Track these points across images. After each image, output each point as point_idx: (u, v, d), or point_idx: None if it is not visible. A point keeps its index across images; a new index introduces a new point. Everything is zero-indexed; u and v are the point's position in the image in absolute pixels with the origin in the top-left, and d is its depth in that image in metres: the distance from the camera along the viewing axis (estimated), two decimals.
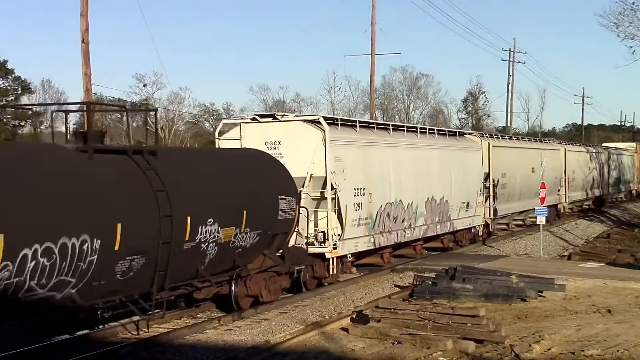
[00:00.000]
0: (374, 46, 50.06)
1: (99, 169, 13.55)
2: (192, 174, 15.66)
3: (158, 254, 14.19)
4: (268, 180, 18.10)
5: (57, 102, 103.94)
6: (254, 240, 17.25)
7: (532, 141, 42.40)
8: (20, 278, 11.63)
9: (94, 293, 13.31)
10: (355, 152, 21.80)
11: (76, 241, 12.48)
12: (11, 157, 12.41)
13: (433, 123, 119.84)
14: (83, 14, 36.62)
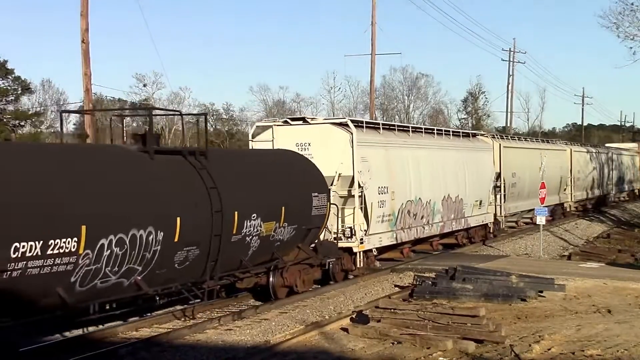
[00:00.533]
0: (374, 46, 50.09)
1: (160, 169, 15.12)
2: (237, 173, 17.23)
3: (210, 246, 15.70)
4: (303, 179, 19.61)
5: (99, 107, 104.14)
6: (291, 234, 18.79)
7: (540, 142, 43.89)
8: (97, 265, 13.05)
9: (156, 280, 14.70)
10: (379, 153, 23.14)
11: (143, 233, 13.93)
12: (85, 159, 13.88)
13: (433, 123, 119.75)
14: (83, 14, 36.62)
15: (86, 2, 36.67)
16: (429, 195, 26.00)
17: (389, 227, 23.47)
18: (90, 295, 13.38)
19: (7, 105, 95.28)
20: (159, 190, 14.62)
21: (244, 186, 17.05)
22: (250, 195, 17.08)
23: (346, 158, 21.76)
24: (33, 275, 11.80)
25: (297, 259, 19.32)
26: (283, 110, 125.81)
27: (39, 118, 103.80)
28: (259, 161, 19.06)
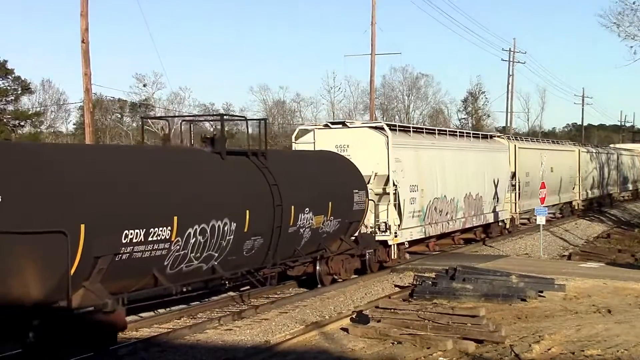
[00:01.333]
0: (374, 46, 50.06)
1: (230, 167, 17.30)
2: (292, 172, 19.38)
3: (272, 236, 17.81)
4: (345, 177, 21.71)
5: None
6: (335, 227, 20.85)
7: (551, 143, 45.92)
8: (185, 251, 15.10)
9: (228, 265, 16.79)
10: (410, 154, 25.10)
11: (220, 223, 16.02)
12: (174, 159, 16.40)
13: (433, 123, 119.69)
14: (83, 14, 36.61)
15: (86, 2, 36.65)
16: (453, 193, 27.95)
17: (419, 222, 25.47)
18: (177, 278, 15.36)
19: (7, 105, 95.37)
20: (231, 186, 16.88)
21: (298, 183, 19.14)
22: (303, 192, 19.16)
23: (382, 159, 23.68)
24: (137, 258, 13.98)
25: (340, 250, 21.38)
26: (283, 111, 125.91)
27: (39, 118, 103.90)
28: (308, 161, 21.34)
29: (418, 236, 25.60)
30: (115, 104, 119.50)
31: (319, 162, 21.55)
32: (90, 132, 38.46)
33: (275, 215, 17.76)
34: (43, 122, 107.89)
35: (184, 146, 19.70)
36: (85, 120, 39.20)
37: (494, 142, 33.64)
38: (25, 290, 12.35)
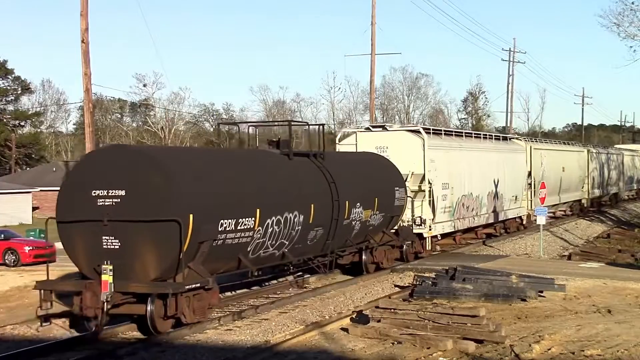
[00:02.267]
0: (374, 46, 50.06)
1: (298, 167, 19.90)
2: (345, 171, 21.75)
3: (330, 227, 20.32)
4: (388, 176, 24.23)
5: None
6: (380, 221, 23.34)
7: (562, 144, 48.60)
8: (264, 239, 17.66)
9: (295, 252, 19.34)
10: (442, 155, 27.34)
11: (291, 215, 18.49)
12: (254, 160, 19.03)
13: (433, 123, 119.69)
14: (83, 14, 36.59)
15: (86, 2, 36.63)
16: (478, 190, 30.43)
17: (449, 217, 27.80)
18: (255, 262, 17.84)
19: (7, 105, 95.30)
20: (299, 183, 19.40)
21: (351, 181, 21.55)
22: (355, 188, 21.54)
23: (418, 159, 26.00)
24: (228, 244, 16.52)
25: (382, 241, 23.81)
26: (283, 111, 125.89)
27: (39, 118, 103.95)
28: (357, 161, 23.95)
29: (449, 230, 28.06)
30: (115, 104, 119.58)
31: (366, 162, 24.12)
32: (90, 132, 38.44)
33: (333, 209, 20.37)
34: (43, 122, 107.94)
35: (257, 149, 21.79)
36: (85, 120, 39.18)
37: (512, 144, 36.23)
38: (146, 270, 15.15)
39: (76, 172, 16.38)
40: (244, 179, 17.58)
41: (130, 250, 15.09)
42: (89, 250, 15.46)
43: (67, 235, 15.86)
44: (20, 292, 25.59)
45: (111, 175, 15.34)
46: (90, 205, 15.32)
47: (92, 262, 15.37)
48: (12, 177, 73.52)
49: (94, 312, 15.07)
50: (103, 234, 15.23)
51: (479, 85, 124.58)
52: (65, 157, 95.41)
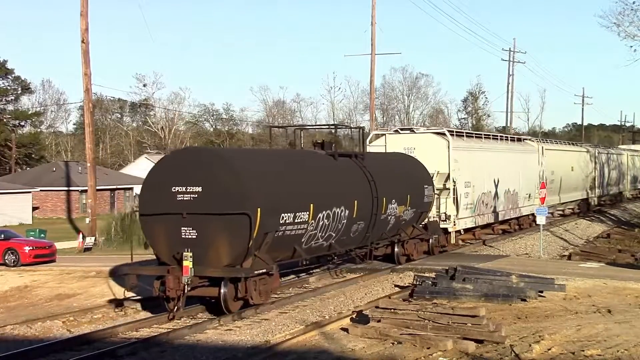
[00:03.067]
0: (374, 46, 50.07)
1: (342, 166, 21.92)
2: (382, 170, 23.62)
3: (370, 221, 22.29)
4: (418, 174, 26.27)
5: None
6: (411, 216, 25.43)
7: (570, 144, 50.54)
8: (315, 231, 19.66)
9: (340, 243, 21.35)
10: (465, 155, 29.34)
11: (338, 210, 20.43)
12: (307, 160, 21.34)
13: (433, 123, 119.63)
14: (83, 14, 36.61)
15: (86, 2, 36.64)
16: (496, 188, 32.40)
17: (471, 213, 29.90)
18: (308, 252, 19.90)
19: (7, 105, 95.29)
20: (344, 181, 21.51)
21: (387, 179, 23.49)
22: (391, 186, 23.58)
23: (443, 159, 27.96)
24: (287, 235, 18.54)
25: (412, 235, 25.74)
26: (283, 111, 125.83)
27: (39, 118, 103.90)
28: (391, 161, 26.14)
29: (470, 225, 30.26)
30: (115, 104, 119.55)
31: (399, 162, 26.28)
32: (90, 132, 38.47)
33: (373, 204, 22.30)
34: (43, 122, 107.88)
35: (306, 150, 24.04)
36: (85, 120, 39.27)
37: (526, 145, 38.45)
38: (219, 257, 17.18)
39: (157, 171, 18.23)
40: (300, 177, 19.78)
41: (205, 240, 17.15)
42: (169, 239, 17.49)
43: (149, 227, 17.99)
44: (20, 292, 25.60)
45: (189, 174, 17.38)
46: (171, 200, 17.34)
47: (172, 250, 17.42)
48: (12, 177, 73.51)
49: (176, 293, 17.13)
50: (182, 226, 17.27)
51: (479, 85, 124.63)
52: (65, 157, 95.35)
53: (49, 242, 33.13)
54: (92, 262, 30.48)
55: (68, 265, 29.72)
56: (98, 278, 26.53)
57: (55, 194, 65.77)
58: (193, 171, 17.38)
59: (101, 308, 20.42)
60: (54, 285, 25.96)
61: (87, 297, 23.45)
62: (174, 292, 17.17)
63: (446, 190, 27.98)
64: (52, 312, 21.09)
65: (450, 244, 28.60)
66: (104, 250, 36.47)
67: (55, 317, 19.18)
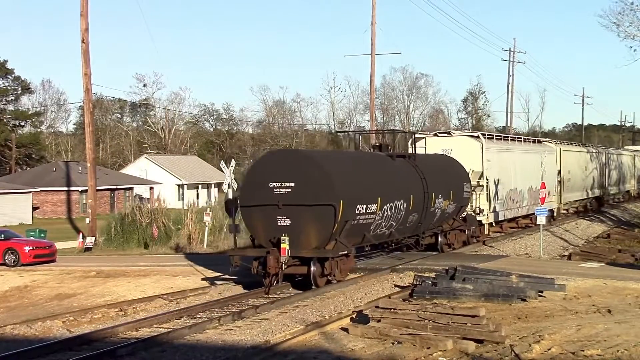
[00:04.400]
0: (374, 46, 50.09)
1: (399, 166, 25.28)
2: (430, 169, 26.71)
3: (422, 213, 25.55)
4: (458, 173, 29.50)
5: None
6: (453, 209, 28.59)
7: (586, 146, 54.35)
8: (381, 221, 22.95)
9: (399, 232, 24.72)
10: (495, 155, 32.99)
11: (399, 203, 23.68)
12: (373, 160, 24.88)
13: (433, 123, 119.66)
14: (83, 14, 36.61)
15: (86, 2, 36.64)
16: (521, 185, 35.99)
17: (501, 208, 33.37)
18: (374, 238, 23.38)
19: (7, 105, 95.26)
20: (402, 178, 24.77)
21: (434, 177, 26.49)
22: (437, 183, 26.58)
23: (477, 159, 31.42)
24: (360, 224, 21.76)
25: (453, 226, 28.82)
26: (283, 111, 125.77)
27: (39, 118, 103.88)
28: (436, 161, 29.03)
29: (501, 218, 33.83)
30: (115, 104, 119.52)
31: (442, 162, 29.46)
32: (90, 132, 38.47)
33: (424, 199, 25.48)
34: (43, 122, 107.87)
35: (369, 152, 27.74)
36: (85, 120, 39.25)
37: (545, 146, 41.89)
38: (309, 241, 20.60)
39: (255, 170, 21.84)
40: (370, 175, 23.21)
41: (298, 227, 20.45)
42: (266, 226, 20.79)
43: (249, 216, 21.33)
44: (20, 292, 25.62)
45: (284, 172, 20.71)
46: (268, 193, 20.61)
47: (268, 235, 20.73)
48: (12, 177, 73.53)
49: (275, 270, 20.36)
50: (277, 215, 20.56)
51: (479, 85, 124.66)
52: (65, 157, 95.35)
53: (49, 242, 33.11)
54: (92, 262, 30.51)
55: (68, 265, 29.75)
56: (98, 278, 26.55)
57: (55, 194, 65.81)
58: (287, 170, 20.74)
59: (101, 308, 20.43)
60: (54, 285, 25.97)
61: (87, 297, 23.48)
62: (274, 270, 20.39)
63: (480, 187, 31.24)
64: (52, 312, 21.10)
65: (483, 235, 31.77)
66: (104, 250, 36.49)
67: (55, 317, 19.17)
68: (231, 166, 25.88)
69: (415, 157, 26.68)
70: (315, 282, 20.81)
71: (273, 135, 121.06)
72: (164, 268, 27.61)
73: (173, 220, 38.15)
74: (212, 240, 34.99)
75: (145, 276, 26.20)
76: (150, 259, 31.55)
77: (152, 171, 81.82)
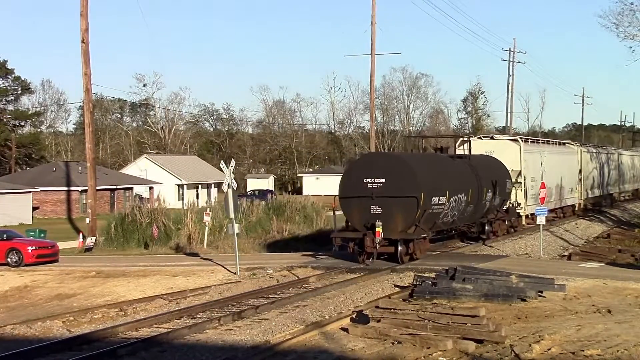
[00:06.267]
0: (374, 46, 50.12)
1: (459, 165, 29.81)
2: (481, 168, 30.87)
3: (476, 205, 29.66)
4: (501, 171, 33.67)
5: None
6: (497, 202, 32.65)
7: (601, 147, 59.53)
8: (447, 210, 27.05)
9: (459, 220, 29.15)
10: (531, 156, 37.80)
11: (460, 196, 27.84)
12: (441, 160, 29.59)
13: (433, 123, 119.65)
14: (83, 14, 36.60)
15: (86, 2, 36.63)
16: (550, 182, 39.27)
17: (534, 202, 36.72)
18: (442, 225, 27.65)
19: (7, 105, 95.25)
20: (462, 176, 28.82)
21: (485, 174, 30.69)
22: (487, 179, 30.79)
23: (516, 160, 36.05)
24: (433, 213, 26.02)
25: (497, 217, 32.85)
26: (283, 110, 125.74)
27: (39, 118, 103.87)
28: (485, 161, 33.09)
29: (533, 211, 35.79)
30: (115, 104, 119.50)
31: (489, 162, 33.55)
32: (90, 132, 38.47)
33: (478, 193, 29.52)
34: (43, 122, 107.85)
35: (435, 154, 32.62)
36: (85, 120, 39.25)
37: (568, 148, 47.54)
38: (396, 226, 25.02)
39: (352, 169, 27.45)
40: (440, 172, 27.62)
41: (387, 214, 24.89)
42: (362, 214, 25.29)
43: (347, 205, 25.83)
44: (20, 292, 25.61)
45: (376, 170, 25.33)
46: (363, 187, 25.17)
47: (363, 221, 25.15)
48: (12, 177, 73.49)
49: (371, 250, 24.72)
50: (371, 205, 25.01)
51: (479, 85, 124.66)
52: (65, 157, 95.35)
53: (51, 242, 33.07)
54: (92, 262, 30.51)
55: (68, 265, 29.74)
56: (98, 278, 26.56)
57: (55, 194, 65.78)
58: (379, 168, 25.43)
59: (101, 308, 20.43)
60: (54, 285, 25.97)
61: (87, 297, 23.48)
62: (370, 249, 24.71)
63: (518, 184, 35.57)
64: (52, 312, 21.10)
65: (520, 225, 36.10)
66: (104, 251, 36.49)
67: (55, 317, 19.18)
68: (231, 166, 25.83)
69: (470, 157, 31.19)
70: (401, 259, 25.08)
71: (273, 135, 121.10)
72: (164, 268, 27.61)
73: (173, 220, 38.15)
74: (212, 240, 34.98)
75: (145, 276, 26.20)
76: (150, 259, 31.56)
77: (152, 171, 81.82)
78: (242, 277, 24.52)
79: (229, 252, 30.85)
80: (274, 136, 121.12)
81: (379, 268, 24.43)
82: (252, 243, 36.25)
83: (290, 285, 22.30)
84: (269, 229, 40.62)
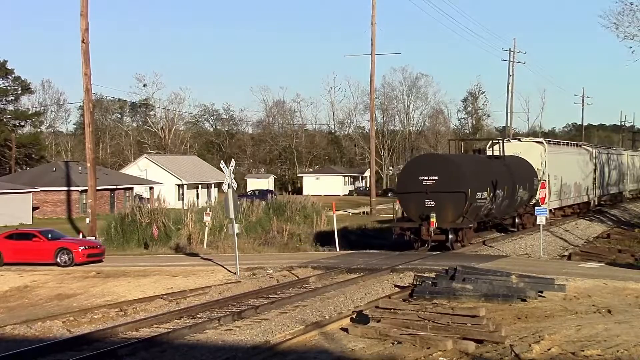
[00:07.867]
0: (374, 46, 50.20)
1: (496, 164, 33.95)
2: (512, 167, 35.24)
3: (510, 199, 33.93)
4: (529, 170, 37.97)
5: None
6: (526, 197, 36.99)
7: (611, 148, 64.59)
8: (488, 204, 31.36)
9: (497, 212, 33.43)
10: (553, 157, 41.58)
11: (499, 192, 31.85)
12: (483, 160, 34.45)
13: (433, 123, 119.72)
14: (83, 14, 36.59)
15: (86, 2, 36.62)
16: (569, 180, 44.16)
17: (556, 198, 41.49)
18: (483, 217, 31.78)
19: (7, 105, 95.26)
20: (499, 174, 32.72)
21: (517, 173, 35.37)
22: (519, 177, 35.29)
23: (540, 160, 39.91)
24: (477, 206, 29.96)
25: (526, 211, 36.98)
26: (283, 111, 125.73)
27: (39, 118, 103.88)
28: (516, 161, 37.24)
29: (557, 206, 42.33)
30: (115, 104, 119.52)
31: (519, 162, 37.57)
32: (90, 132, 38.44)
33: (512, 189, 33.76)
34: (43, 122, 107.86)
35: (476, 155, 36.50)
36: (85, 120, 39.20)
37: (583, 148, 50.89)
38: (447, 217, 29.12)
39: (408, 168, 32.39)
40: (482, 170, 31.71)
41: (440, 207, 28.96)
42: (417, 206, 29.55)
43: (404, 200, 30.46)
44: (20, 292, 25.59)
45: (430, 169, 29.67)
46: (418, 184, 29.46)
47: (418, 213, 29.48)
48: (12, 177, 73.44)
49: (426, 237, 29.01)
50: (425, 199, 29.22)
51: (479, 85, 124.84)
52: (65, 157, 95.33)
53: (98, 241, 33.07)
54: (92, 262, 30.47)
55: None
56: (98, 278, 26.55)
57: (55, 194, 65.73)
58: (432, 167, 29.77)
59: (101, 308, 20.43)
60: (54, 285, 25.95)
61: (87, 297, 23.46)
62: (425, 237, 29.02)
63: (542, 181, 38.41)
64: (52, 312, 21.09)
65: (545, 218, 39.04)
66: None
67: (55, 317, 19.18)
68: (231, 166, 25.81)
69: (504, 158, 35.06)
70: (452, 246, 29.03)
71: (273, 135, 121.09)
72: (164, 268, 27.61)
73: (173, 221, 38.14)
74: (212, 240, 34.96)
75: (145, 276, 26.20)
76: (150, 259, 31.55)
77: (152, 171, 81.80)
78: (242, 277, 24.53)
79: (229, 252, 30.85)
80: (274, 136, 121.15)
81: (379, 268, 24.39)
82: (252, 243, 36.23)
83: (290, 285, 22.31)
84: (269, 229, 40.62)
